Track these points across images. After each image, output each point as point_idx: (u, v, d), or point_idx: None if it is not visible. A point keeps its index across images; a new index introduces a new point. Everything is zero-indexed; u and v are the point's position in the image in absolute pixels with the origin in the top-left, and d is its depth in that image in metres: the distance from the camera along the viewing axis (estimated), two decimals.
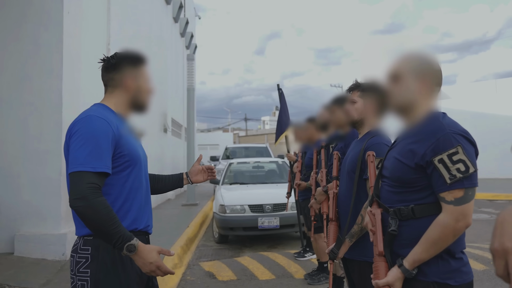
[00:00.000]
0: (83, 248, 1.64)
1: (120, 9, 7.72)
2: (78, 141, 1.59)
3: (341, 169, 2.42)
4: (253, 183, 7.73)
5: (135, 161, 1.73)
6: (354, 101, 2.35)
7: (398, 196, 1.55)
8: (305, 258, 5.32)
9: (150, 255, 1.56)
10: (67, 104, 5.28)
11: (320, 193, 3.19)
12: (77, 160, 1.56)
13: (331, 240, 2.25)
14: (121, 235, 1.51)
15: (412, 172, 1.50)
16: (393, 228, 1.51)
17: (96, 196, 1.51)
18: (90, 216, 1.50)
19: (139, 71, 1.80)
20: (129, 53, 1.82)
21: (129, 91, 1.78)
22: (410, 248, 1.49)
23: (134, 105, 1.82)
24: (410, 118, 1.63)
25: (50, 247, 5.07)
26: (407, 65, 1.62)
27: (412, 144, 1.52)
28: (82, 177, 1.52)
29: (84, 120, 1.64)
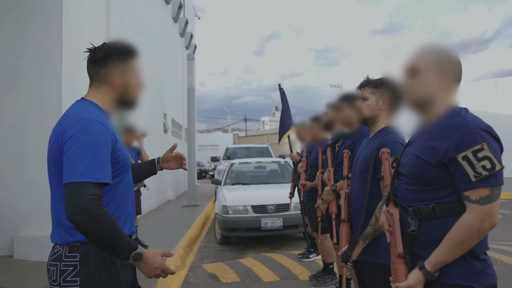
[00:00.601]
0: (69, 255, 1.51)
1: (119, 8, 7.65)
2: (76, 147, 1.44)
3: (352, 168, 2.34)
4: (255, 184, 7.66)
5: (127, 166, 1.63)
6: (366, 98, 2.27)
7: (418, 195, 1.48)
8: (309, 259, 5.24)
9: (155, 260, 1.51)
10: (66, 104, 5.19)
11: (328, 192, 3.11)
12: (76, 169, 1.42)
13: (343, 241, 2.17)
14: (127, 245, 1.44)
15: (433, 170, 1.42)
16: (413, 228, 1.43)
17: (99, 208, 1.41)
18: (95, 230, 1.40)
19: (128, 66, 1.64)
20: (118, 45, 1.66)
21: (115, 88, 1.63)
22: (431, 249, 1.41)
23: (122, 101, 1.68)
24: (428, 113, 1.55)
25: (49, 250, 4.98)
26: (426, 58, 1.54)
27: (433, 140, 1.44)
28: (83, 189, 1.40)
29: (81, 124, 1.48)
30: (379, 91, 2.25)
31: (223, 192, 6.94)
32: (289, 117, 5.69)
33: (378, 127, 2.25)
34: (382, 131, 2.20)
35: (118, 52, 1.64)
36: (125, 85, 1.64)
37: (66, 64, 5.20)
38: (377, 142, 2.12)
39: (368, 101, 2.27)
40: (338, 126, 3.64)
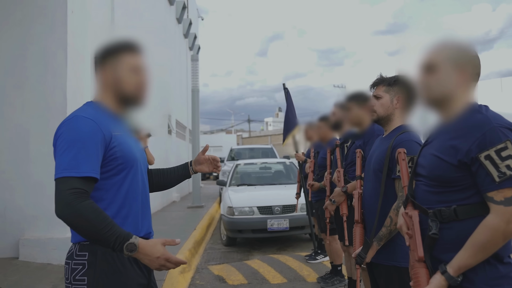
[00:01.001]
0: (79, 254, 1.51)
1: (123, 9, 7.62)
2: (62, 145, 1.45)
3: (365, 168, 2.28)
4: (261, 184, 7.60)
5: (131, 163, 1.57)
6: (380, 96, 2.21)
7: (438, 196, 1.42)
8: (316, 261, 5.18)
9: (154, 249, 1.42)
10: (71, 105, 5.16)
11: (339, 193, 3.06)
12: (60, 165, 1.42)
13: (357, 243, 2.12)
14: (118, 235, 1.38)
15: (454, 170, 1.37)
16: (434, 231, 1.37)
17: (81, 201, 1.38)
18: (79, 223, 1.38)
19: (119, 61, 1.58)
20: (109, 42, 1.62)
21: (107, 85, 1.60)
22: (453, 252, 1.35)
23: (122, 99, 1.62)
24: (446, 111, 1.49)
25: (55, 252, 4.95)
26: (443, 54, 1.48)
27: (454, 139, 1.38)
28: (65, 183, 1.39)
29: (69, 122, 1.49)
30: (393, 89, 2.20)
31: (229, 193, 6.89)
32: (293, 117, 5.63)
33: (392, 126, 2.19)
34: (397, 130, 2.15)
35: (107, 49, 1.61)
36: (117, 82, 1.59)
37: (71, 65, 5.16)
38: (392, 141, 2.07)
39: (382, 100, 2.21)
40: (347, 126, 3.58)
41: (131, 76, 1.59)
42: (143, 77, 1.63)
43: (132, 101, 1.63)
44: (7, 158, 5.04)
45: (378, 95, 2.24)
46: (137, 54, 1.63)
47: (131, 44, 1.63)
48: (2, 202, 4.99)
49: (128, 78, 1.59)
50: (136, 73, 1.61)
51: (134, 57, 1.62)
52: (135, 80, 1.60)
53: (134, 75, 1.60)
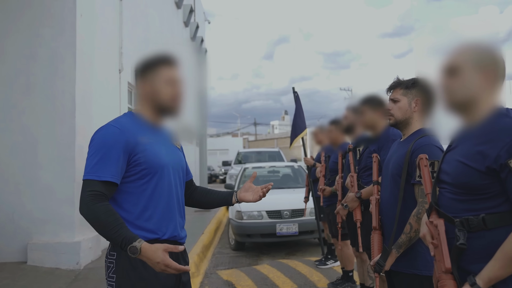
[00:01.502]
0: (111, 253, 1.65)
1: (132, 12, 7.63)
2: (90, 150, 1.63)
3: (383, 173, 2.22)
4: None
5: (155, 169, 1.67)
6: (397, 99, 2.15)
7: (464, 205, 1.36)
8: (327, 266, 5.11)
9: (155, 254, 1.50)
10: (80, 109, 5.16)
11: (353, 199, 2.99)
12: (86, 168, 1.61)
13: (375, 251, 2.06)
14: (123, 237, 1.50)
15: (482, 177, 1.30)
16: (462, 241, 1.31)
17: (95, 203, 1.53)
18: (93, 222, 1.54)
19: (155, 74, 1.71)
20: (148, 56, 1.76)
21: (145, 97, 1.74)
22: (481, 263, 1.29)
23: (160, 110, 1.75)
24: (471, 115, 1.43)
25: (64, 256, 4.93)
26: (466, 56, 1.42)
27: (481, 145, 1.32)
28: (87, 185, 1.57)
29: (100, 128, 1.67)
30: (412, 92, 2.14)
31: None
32: (302, 121, 5.58)
33: (411, 130, 2.13)
34: (416, 134, 2.08)
35: (144, 62, 1.74)
36: (153, 93, 1.71)
37: (79, 69, 5.15)
38: (411, 145, 2.01)
39: (399, 103, 2.15)
40: (359, 129, 3.52)
41: (168, 88, 1.71)
42: (178, 89, 1.74)
43: (168, 111, 1.75)
44: (15, 162, 5.02)
45: (395, 98, 2.18)
46: (173, 67, 1.75)
47: (167, 58, 1.75)
48: (11, 206, 4.98)
49: (165, 90, 1.71)
50: (172, 85, 1.72)
51: (170, 70, 1.73)
52: (171, 91, 1.72)
53: (170, 87, 1.72)
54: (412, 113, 2.13)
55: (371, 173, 3.01)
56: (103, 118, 6.33)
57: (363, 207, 3.01)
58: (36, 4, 5.09)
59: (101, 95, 6.08)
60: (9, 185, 5.00)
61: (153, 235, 1.64)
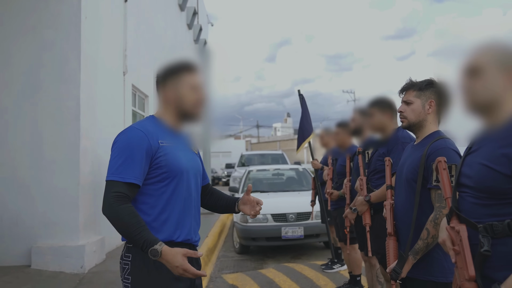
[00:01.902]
0: (126, 255, 1.69)
1: (136, 15, 7.61)
2: (115, 151, 1.66)
3: (397, 177, 2.17)
4: (274, 191, 7.49)
5: (175, 173, 1.71)
6: (410, 101, 2.11)
7: (488, 209, 1.31)
8: (333, 270, 5.05)
9: (175, 258, 1.53)
10: (84, 111, 5.13)
11: (362, 203, 2.95)
12: (110, 169, 1.64)
13: (391, 257, 2.00)
14: (145, 240, 1.53)
15: (507, 181, 1.25)
16: (486, 247, 1.26)
17: (120, 204, 1.57)
18: (115, 223, 1.58)
19: (181, 80, 1.77)
20: (172, 63, 1.82)
21: (170, 102, 1.78)
22: (507, 271, 1.24)
23: (182, 115, 1.80)
24: (493, 117, 1.38)
25: (68, 260, 4.89)
26: (489, 56, 1.38)
27: (505, 147, 1.27)
28: (111, 186, 1.60)
29: (124, 131, 1.71)
30: (425, 94, 2.09)
31: None
32: (308, 124, 5.52)
33: (425, 133, 2.08)
34: (431, 137, 2.03)
35: (169, 69, 1.80)
36: (179, 99, 1.76)
37: (84, 72, 5.13)
38: (426, 148, 1.96)
39: (413, 105, 2.10)
40: (367, 132, 3.48)
41: (191, 94, 1.77)
42: (201, 95, 1.79)
43: (190, 117, 1.80)
44: (19, 165, 5.00)
45: (408, 100, 2.13)
46: (195, 74, 1.81)
47: (190, 65, 1.81)
48: (15, 209, 4.95)
49: (188, 96, 1.76)
50: (195, 91, 1.77)
51: (193, 76, 1.79)
52: (194, 97, 1.77)
53: (194, 93, 1.77)
54: (426, 115, 2.08)
55: (381, 176, 2.98)
56: (108, 120, 6.34)
57: (373, 211, 2.96)
58: (40, 7, 5.07)
59: (105, 98, 6.05)
60: (13, 188, 4.97)
61: (169, 238, 1.67)
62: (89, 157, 5.24)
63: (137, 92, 8.06)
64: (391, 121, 3.00)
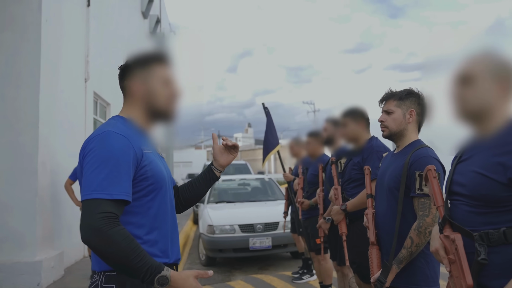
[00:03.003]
0: (105, 286, 1.37)
1: (99, 20, 7.37)
2: (93, 162, 1.32)
3: (377, 186, 2.17)
4: (240, 201, 7.40)
5: (160, 184, 1.46)
6: (391, 111, 2.12)
7: (483, 218, 1.31)
8: (303, 281, 5.02)
9: (187, 283, 1.31)
10: (44, 118, 4.86)
11: (338, 212, 2.94)
12: (91, 185, 1.30)
13: (375, 267, 1.98)
14: (149, 267, 1.27)
15: (503, 189, 1.26)
16: (483, 256, 1.26)
17: (112, 227, 1.26)
18: (107, 251, 1.26)
19: (150, 72, 1.51)
20: (138, 53, 1.56)
21: (138, 97, 1.51)
22: (503, 279, 1.24)
23: (153, 113, 1.52)
24: (485, 126, 1.40)
25: (23, 277, 4.58)
26: (482, 65, 1.40)
27: (500, 156, 1.29)
28: (96, 206, 1.27)
29: (100, 137, 1.37)
30: (405, 103, 2.12)
31: (208, 210, 6.65)
32: (273, 137, 5.49)
33: (406, 142, 2.10)
34: (412, 145, 2.05)
35: (136, 60, 1.53)
36: (149, 94, 1.50)
37: (44, 76, 4.88)
38: (409, 157, 1.97)
39: (393, 115, 2.12)
40: (340, 141, 3.50)
41: (164, 89, 1.51)
42: (174, 90, 1.55)
43: (162, 115, 1.54)
44: None
45: (389, 110, 2.14)
46: (168, 66, 1.56)
47: (162, 55, 1.56)
48: None
49: (161, 91, 1.51)
50: (167, 86, 1.53)
51: (165, 68, 1.54)
52: (167, 92, 1.52)
53: (166, 88, 1.52)
54: (406, 125, 2.11)
55: (356, 185, 2.99)
56: (68, 128, 6.04)
57: (348, 220, 2.96)
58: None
59: (66, 105, 5.79)
60: None
61: (160, 259, 1.40)
62: (48, 167, 4.96)
63: (99, 100, 7.78)
64: (364, 130, 3.03)
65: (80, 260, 6.43)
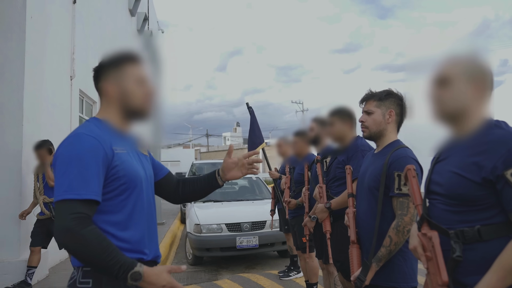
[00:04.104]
0: (82, 281, 1.42)
1: (85, 17, 7.30)
2: (62, 165, 1.37)
3: (358, 185, 2.20)
4: (227, 201, 7.40)
5: (134, 183, 1.49)
6: (371, 111, 2.15)
7: (459, 216, 1.35)
8: (290, 278, 5.06)
9: (160, 278, 1.35)
10: (28, 116, 4.81)
11: (322, 210, 2.96)
12: (60, 187, 1.34)
13: (355, 265, 2.01)
14: (121, 264, 1.30)
15: (477, 188, 1.30)
16: (458, 253, 1.29)
17: (83, 227, 1.30)
18: (80, 250, 1.30)
19: (123, 72, 1.53)
20: (110, 54, 1.58)
21: (112, 98, 1.54)
22: (477, 275, 1.28)
23: (128, 112, 1.55)
24: (461, 126, 1.43)
25: (6, 277, 4.53)
26: (458, 67, 1.43)
27: (475, 156, 1.32)
28: (66, 207, 1.31)
29: (70, 140, 1.41)
30: (385, 103, 2.15)
31: (195, 209, 6.64)
32: (256, 136, 5.51)
33: (385, 142, 2.13)
34: (391, 146, 2.09)
35: (108, 61, 1.55)
36: (123, 94, 1.53)
37: (28, 74, 4.82)
38: (388, 157, 2.00)
39: (373, 115, 2.15)
40: (326, 141, 3.53)
41: (138, 88, 1.54)
42: (148, 88, 1.56)
43: (139, 114, 1.57)
44: None
45: (369, 110, 2.17)
46: (140, 64, 1.58)
47: (133, 54, 1.58)
48: None
49: (135, 90, 1.53)
50: (141, 85, 1.55)
51: (137, 67, 1.56)
52: (141, 91, 1.54)
53: (140, 87, 1.54)
54: (386, 125, 2.14)
55: (341, 183, 3.02)
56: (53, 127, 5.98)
57: (332, 218, 2.99)
58: None
59: (51, 103, 5.72)
60: None
61: (137, 256, 1.45)
62: (32, 166, 4.90)
63: (85, 98, 7.71)
64: (351, 130, 3.06)
65: (65, 259, 6.37)
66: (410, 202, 1.90)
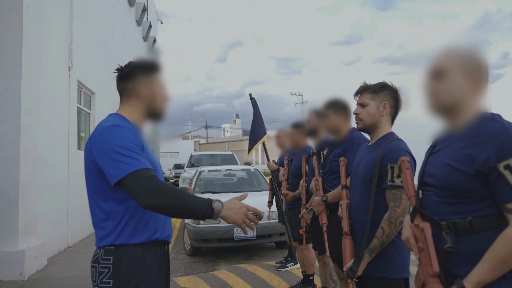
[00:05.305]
0: (104, 258, 1.61)
1: (83, 7, 7.25)
2: (118, 148, 1.55)
3: (352, 177, 2.21)
4: (226, 192, 7.40)
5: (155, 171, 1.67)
6: (365, 104, 2.15)
7: (451, 207, 1.36)
8: (287, 269, 5.10)
9: (235, 203, 1.57)
10: (26, 107, 4.81)
11: (318, 202, 2.98)
12: (125, 163, 1.52)
13: (347, 256, 2.03)
14: (202, 200, 1.51)
15: (470, 180, 1.31)
16: (449, 244, 1.30)
17: (161, 183, 1.50)
18: (169, 201, 1.48)
19: (153, 79, 1.78)
20: (143, 61, 1.82)
21: (143, 99, 1.76)
22: (468, 266, 1.29)
23: (150, 113, 1.80)
24: (456, 119, 1.44)
25: (5, 266, 4.56)
26: (453, 60, 1.43)
27: (469, 148, 1.33)
28: (140, 175, 1.50)
29: (108, 130, 1.60)
30: (379, 96, 2.15)
31: None
32: (260, 127, 5.55)
33: (379, 134, 2.14)
34: (385, 138, 2.09)
35: (143, 67, 1.78)
36: (152, 97, 1.76)
37: (26, 64, 4.81)
38: (381, 149, 2.01)
39: (368, 107, 2.15)
40: (322, 133, 3.53)
41: (162, 92, 1.79)
42: (167, 94, 1.81)
43: (157, 115, 1.80)
44: None
45: (363, 102, 2.17)
46: (162, 72, 1.82)
47: (160, 63, 1.82)
48: None
49: (160, 95, 1.78)
50: (164, 89, 1.80)
51: (161, 75, 1.81)
52: (164, 95, 1.80)
53: (164, 91, 1.80)
54: (380, 117, 2.14)
55: (337, 176, 3.03)
56: (51, 117, 5.97)
57: (328, 211, 3.00)
58: None
59: (48, 93, 5.72)
60: None
61: (153, 236, 1.66)
62: (30, 156, 4.92)
63: (83, 89, 7.69)
64: (346, 122, 3.06)
65: (64, 250, 6.41)
66: (403, 194, 1.91)
